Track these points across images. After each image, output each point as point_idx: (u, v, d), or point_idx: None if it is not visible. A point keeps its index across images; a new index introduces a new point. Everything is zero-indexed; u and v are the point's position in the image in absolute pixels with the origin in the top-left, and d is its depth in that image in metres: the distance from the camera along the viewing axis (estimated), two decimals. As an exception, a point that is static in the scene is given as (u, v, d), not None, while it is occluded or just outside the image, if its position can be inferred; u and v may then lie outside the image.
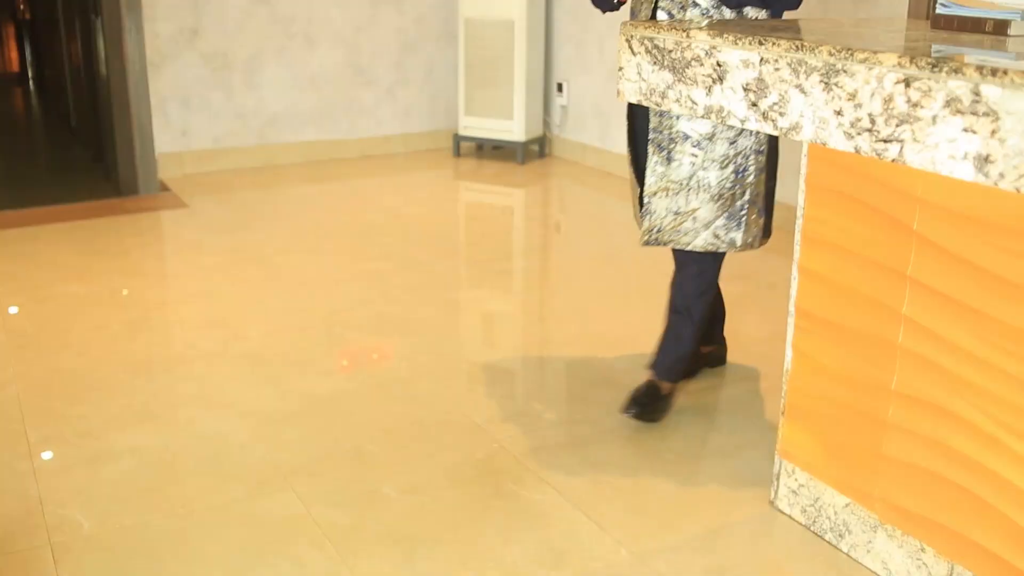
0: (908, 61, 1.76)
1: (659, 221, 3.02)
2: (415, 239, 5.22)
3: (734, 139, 2.93)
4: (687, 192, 2.98)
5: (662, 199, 3.00)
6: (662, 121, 2.95)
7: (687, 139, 2.94)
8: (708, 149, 2.94)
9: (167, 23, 6.38)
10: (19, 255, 4.91)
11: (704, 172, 2.95)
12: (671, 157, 2.96)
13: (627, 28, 2.38)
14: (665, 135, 2.96)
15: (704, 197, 2.97)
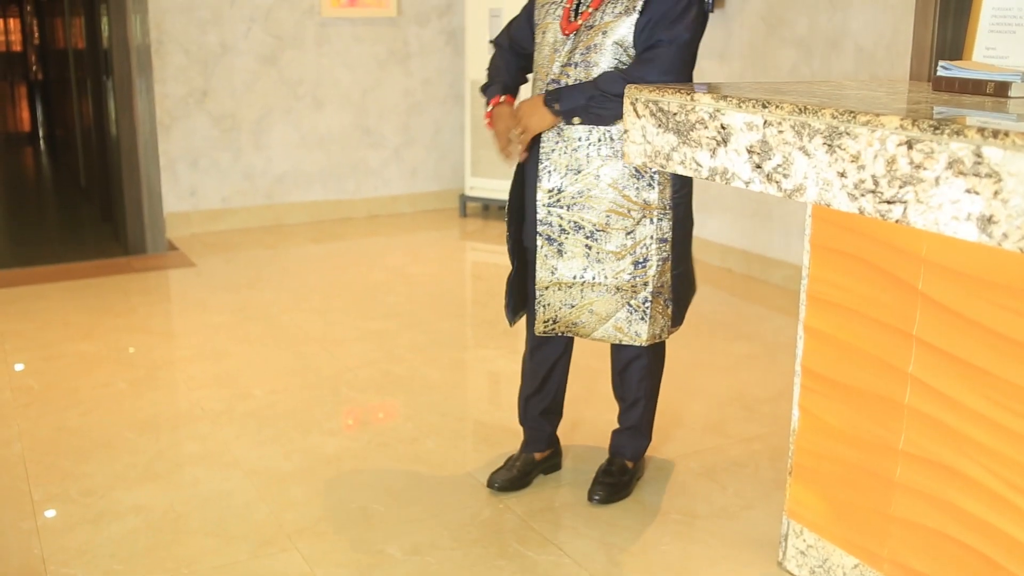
0: (910, 123, 1.78)
1: (553, 313, 2.88)
2: (421, 298, 5.24)
3: (631, 229, 2.79)
4: (581, 286, 2.83)
5: (555, 293, 2.86)
6: (551, 211, 2.80)
7: (580, 230, 2.79)
8: (602, 240, 2.79)
9: (177, 85, 6.46)
10: (27, 313, 4.93)
11: (599, 265, 2.81)
12: (562, 250, 2.82)
13: (632, 91, 2.41)
14: (556, 227, 2.81)
15: (601, 290, 2.83)
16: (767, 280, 5.50)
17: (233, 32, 6.56)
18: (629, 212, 2.79)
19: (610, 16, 2.70)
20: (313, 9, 6.77)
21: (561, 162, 2.79)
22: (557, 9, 2.81)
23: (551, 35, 2.81)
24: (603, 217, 2.78)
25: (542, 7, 2.87)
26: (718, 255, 5.83)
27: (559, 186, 2.80)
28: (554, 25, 2.80)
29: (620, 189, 2.77)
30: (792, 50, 5.25)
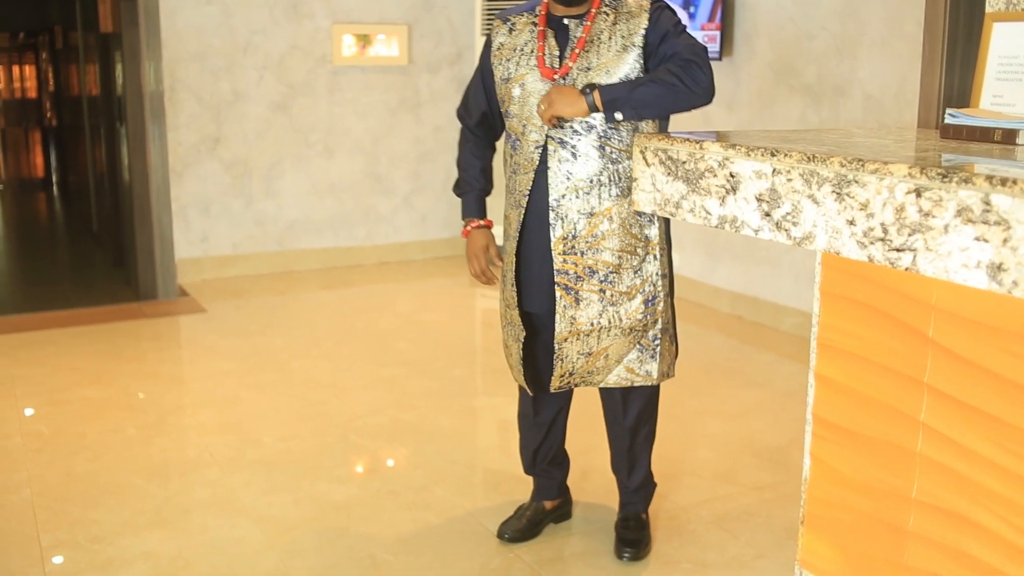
0: (919, 171, 1.78)
1: (570, 365, 2.82)
2: (431, 346, 5.24)
3: (638, 267, 2.79)
4: (598, 332, 2.79)
5: (573, 343, 2.79)
6: (567, 259, 2.76)
7: (594, 274, 2.76)
8: (615, 282, 2.77)
9: (190, 132, 6.52)
10: (38, 358, 4.94)
11: (613, 307, 2.78)
12: (579, 297, 2.77)
13: (641, 140, 2.42)
14: (571, 275, 2.77)
15: (615, 333, 2.80)
16: (777, 327, 5.50)
17: (246, 80, 6.62)
18: (635, 250, 2.78)
19: (609, 55, 2.69)
20: (325, 57, 6.84)
21: (573, 207, 2.74)
22: (528, 59, 2.76)
23: (532, 84, 2.74)
24: (616, 258, 2.76)
25: (504, 63, 2.81)
26: (728, 302, 5.83)
27: (573, 232, 2.75)
28: (532, 74, 2.75)
29: (628, 228, 2.76)
30: (800, 98, 5.29)
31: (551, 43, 2.75)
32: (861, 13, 4.90)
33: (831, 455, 2.54)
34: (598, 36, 2.71)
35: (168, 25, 6.36)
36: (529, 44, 2.78)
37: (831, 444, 2.54)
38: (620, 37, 2.70)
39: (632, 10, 2.72)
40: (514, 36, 2.82)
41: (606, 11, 2.73)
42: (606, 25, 2.72)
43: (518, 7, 2.88)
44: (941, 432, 2.22)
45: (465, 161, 3.01)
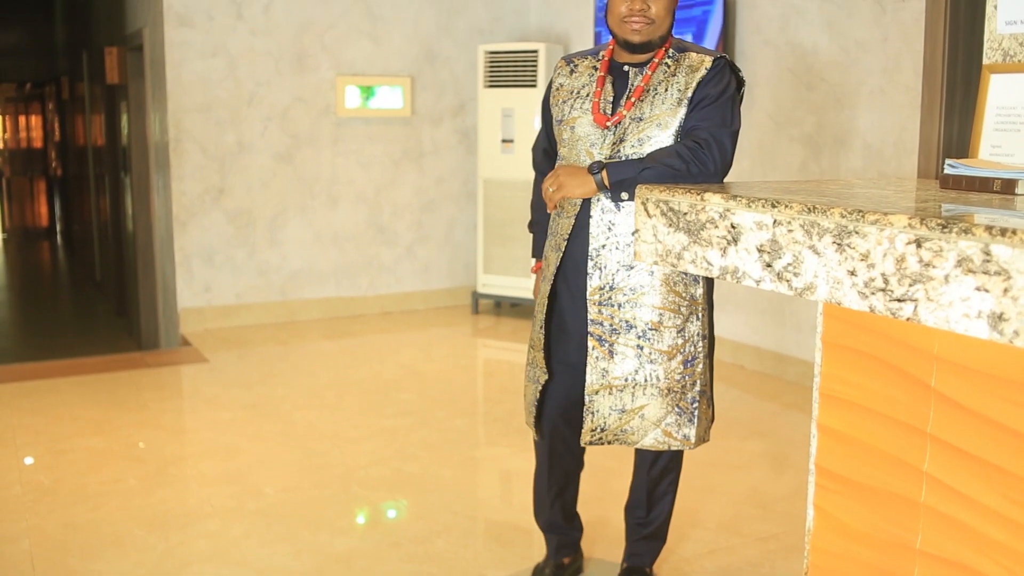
0: (919, 222, 1.79)
1: (602, 420, 2.74)
2: (433, 396, 5.23)
3: (682, 326, 2.71)
4: (633, 388, 2.71)
5: (605, 397, 2.72)
6: (602, 310, 2.70)
7: (631, 329, 2.69)
8: (654, 340, 2.69)
9: (194, 182, 6.56)
10: (39, 407, 4.93)
11: (651, 365, 2.70)
12: (614, 351, 2.70)
13: (642, 191, 2.43)
14: (607, 326, 2.70)
15: (652, 392, 2.71)
16: (780, 377, 5.48)
17: (250, 131, 6.68)
18: (679, 309, 2.70)
19: (663, 107, 2.65)
20: (329, 109, 6.90)
21: (612, 258, 2.68)
22: (583, 103, 2.75)
23: (582, 129, 2.73)
24: (656, 315, 2.68)
25: (561, 104, 2.81)
26: (730, 352, 5.82)
27: (611, 283, 2.69)
28: (584, 119, 2.73)
29: (671, 285, 2.69)
30: (801, 148, 5.32)
31: (607, 89, 2.73)
32: (860, 64, 4.94)
33: (835, 506, 2.53)
34: (656, 87, 2.68)
35: (174, 77, 6.43)
36: (587, 88, 2.77)
37: (834, 495, 2.53)
38: (677, 90, 2.66)
39: (693, 64, 2.68)
40: (574, 78, 2.81)
41: (668, 62, 2.70)
42: (665, 76, 2.68)
43: (583, 52, 2.88)
44: (945, 482, 2.21)
45: (536, 199, 3.03)
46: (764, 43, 5.48)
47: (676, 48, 2.73)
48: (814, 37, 5.18)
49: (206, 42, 6.51)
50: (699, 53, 2.71)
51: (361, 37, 6.97)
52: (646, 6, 2.64)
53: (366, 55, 7.00)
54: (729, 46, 5.64)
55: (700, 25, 5.73)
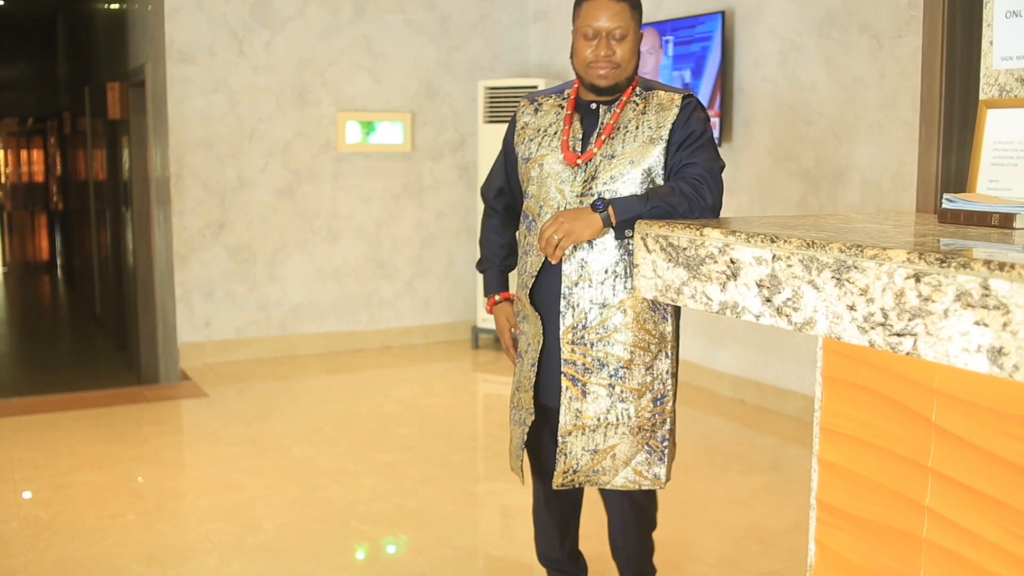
0: (917, 256, 1.80)
1: (575, 461, 2.70)
2: (433, 430, 5.22)
3: (651, 364, 2.69)
4: (605, 428, 2.68)
5: (578, 438, 2.68)
6: (575, 349, 2.66)
7: (603, 367, 2.66)
8: (626, 378, 2.66)
9: (195, 217, 6.58)
10: (38, 442, 4.92)
11: (623, 404, 2.67)
12: (586, 390, 2.67)
13: (642, 226, 2.44)
14: (579, 365, 2.67)
15: (623, 431, 2.69)
16: (780, 411, 5.48)
17: (251, 166, 6.71)
18: (649, 346, 2.69)
19: (635, 145, 2.64)
20: (330, 144, 6.93)
21: (585, 296, 2.66)
22: (551, 140, 2.73)
23: (551, 167, 2.71)
24: (627, 352, 2.66)
25: (527, 142, 2.78)
26: (730, 386, 5.82)
27: (584, 322, 2.66)
28: (552, 156, 2.71)
29: (642, 323, 2.67)
30: (799, 183, 5.34)
31: (576, 127, 2.72)
32: (858, 99, 4.97)
33: (836, 541, 2.52)
34: (626, 125, 2.67)
35: (175, 112, 6.46)
36: (554, 126, 2.75)
37: (836, 530, 2.52)
38: (648, 128, 2.65)
39: (663, 102, 2.67)
40: (539, 117, 2.79)
41: (636, 100, 2.69)
42: (635, 114, 2.67)
43: (547, 89, 2.86)
44: (946, 517, 2.21)
45: (485, 238, 3.02)
46: (762, 79, 5.52)
47: (643, 86, 2.73)
48: (812, 73, 5.22)
49: (208, 78, 6.55)
50: (667, 91, 2.70)
51: (362, 73, 7.02)
52: (611, 51, 2.62)
53: (367, 91, 7.04)
54: (727, 82, 5.68)
55: (699, 61, 5.77)
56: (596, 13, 2.61)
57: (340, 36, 6.92)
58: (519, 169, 2.82)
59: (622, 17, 2.61)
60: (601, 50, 2.62)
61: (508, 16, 7.50)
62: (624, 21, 2.62)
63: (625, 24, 2.62)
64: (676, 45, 5.94)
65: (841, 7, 5.02)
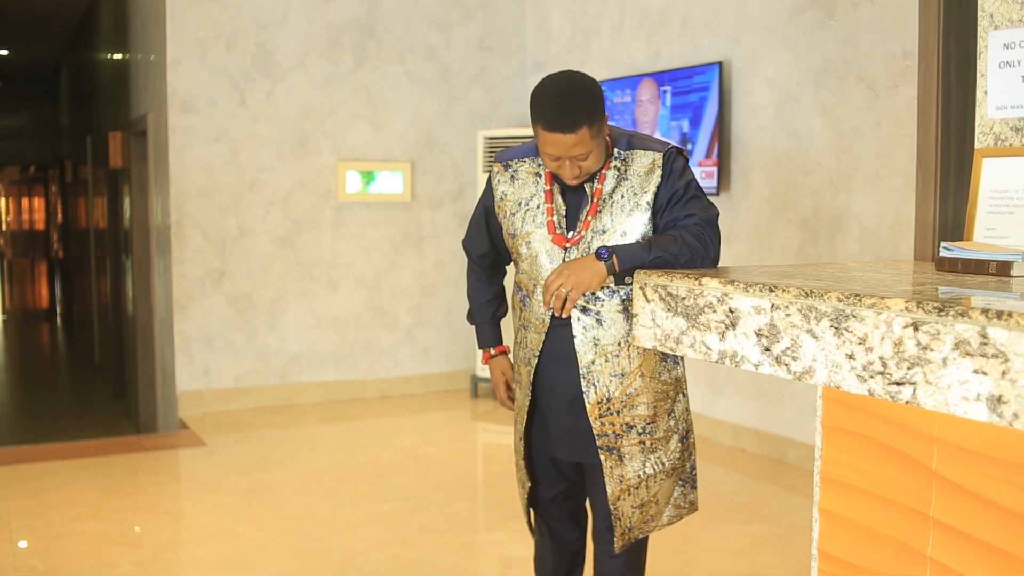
0: (915, 305, 1.81)
1: (628, 522, 2.75)
2: (432, 480, 5.19)
3: (671, 408, 2.76)
4: (646, 481, 2.74)
5: (625, 499, 2.74)
6: (604, 422, 2.70)
7: (631, 429, 2.71)
8: (653, 431, 2.73)
9: (195, 265, 6.59)
10: (35, 491, 4.89)
11: (654, 455, 2.74)
12: (622, 454, 2.71)
13: (640, 276, 2.45)
14: (611, 435, 2.70)
15: (661, 478, 2.76)
16: (781, 460, 5.46)
17: (251, 215, 6.73)
18: (667, 395, 2.75)
19: (623, 215, 2.63)
20: (330, 193, 6.97)
21: (604, 371, 2.68)
22: (535, 216, 2.69)
23: (540, 244, 2.69)
24: (651, 409, 2.71)
25: (510, 216, 2.74)
26: (731, 435, 5.80)
27: (607, 395, 2.69)
28: (539, 233, 2.68)
29: (657, 377, 2.73)
30: (797, 232, 5.36)
31: (559, 203, 2.69)
32: (855, 148, 5.01)
33: (838, 592, 2.50)
34: (610, 195, 2.64)
35: (176, 161, 6.50)
36: (535, 199, 2.71)
37: (838, 580, 2.50)
38: (632, 195, 2.63)
39: (644, 165, 2.64)
40: (517, 187, 2.74)
41: (616, 165, 2.65)
42: (618, 181, 2.64)
43: (518, 150, 2.79)
44: (948, 566, 2.19)
45: (474, 291, 3.01)
46: (760, 129, 5.56)
47: (621, 146, 2.67)
48: (809, 123, 5.26)
49: (209, 128, 6.59)
50: (645, 152, 2.65)
51: (362, 123, 7.07)
52: (577, 168, 2.57)
53: (367, 140, 7.09)
54: (725, 131, 5.72)
55: (696, 111, 5.82)
56: (555, 144, 2.51)
57: (341, 86, 6.98)
58: (506, 241, 2.80)
59: (582, 144, 2.51)
60: (566, 171, 2.58)
61: (507, 67, 7.56)
62: (585, 146, 2.51)
63: (587, 146, 2.52)
64: (674, 95, 5.99)
65: (837, 57, 5.07)
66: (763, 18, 5.51)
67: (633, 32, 6.47)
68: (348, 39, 6.99)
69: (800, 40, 5.29)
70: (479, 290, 3.00)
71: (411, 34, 7.20)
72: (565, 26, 7.18)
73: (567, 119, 2.47)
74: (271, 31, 6.74)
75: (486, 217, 2.86)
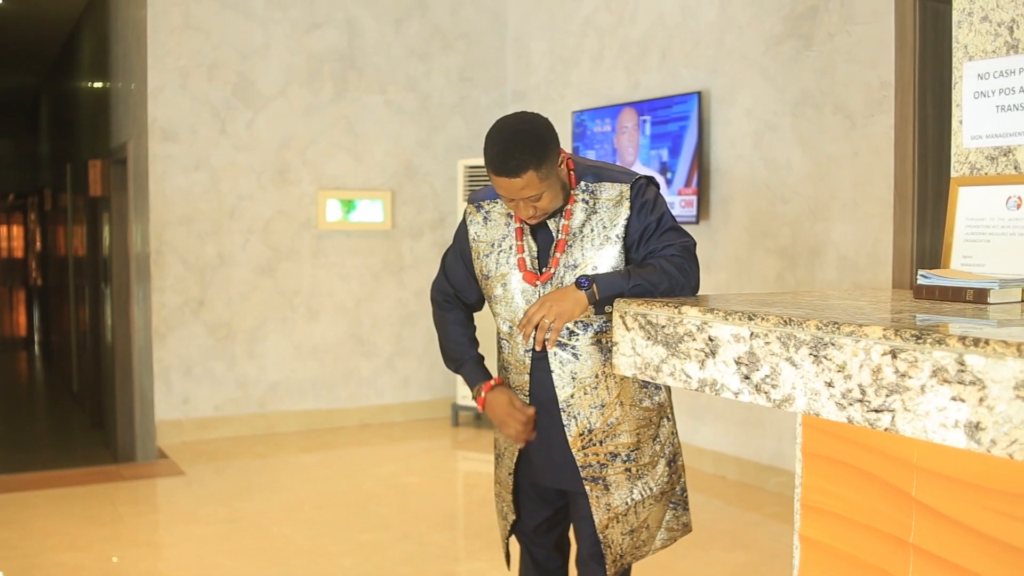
0: (893, 333, 1.82)
1: (619, 549, 2.75)
2: (413, 509, 5.17)
3: (655, 434, 2.76)
4: (634, 507, 2.74)
5: (614, 527, 2.73)
6: (587, 453, 2.69)
7: (616, 457, 2.70)
8: (638, 457, 2.73)
9: (174, 294, 6.57)
10: (11, 521, 4.84)
11: (641, 481, 2.74)
12: (608, 483, 2.71)
13: (620, 304, 2.45)
14: (596, 465, 2.70)
15: (650, 503, 2.77)
16: (762, 487, 5.46)
17: (231, 243, 6.72)
18: (650, 420, 2.75)
19: (593, 250, 2.63)
20: (310, 222, 6.97)
21: (584, 403, 2.69)
22: (508, 256, 2.71)
23: (515, 284, 2.70)
24: (634, 436, 2.71)
25: (483, 258, 2.75)
26: (711, 462, 5.80)
27: (588, 427, 2.69)
28: (513, 274, 2.70)
29: (638, 404, 2.72)
30: (776, 260, 5.39)
31: (530, 243, 2.69)
32: (832, 177, 5.05)
33: (819, 619, 2.50)
34: (579, 230, 2.64)
35: (156, 190, 6.49)
36: (507, 240, 2.71)
37: (819, 608, 2.50)
38: (602, 228, 2.63)
39: (612, 197, 2.64)
40: (490, 228, 2.75)
41: (584, 199, 2.65)
42: (586, 215, 2.64)
43: (491, 190, 2.78)
44: (929, 595, 2.20)
45: (452, 334, 2.91)
46: (738, 158, 5.60)
47: (588, 179, 2.67)
48: (787, 152, 5.30)
49: (189, 156, 6.59)
50: (612, 182, 2.65)
51: (342, 152, 7.08)
52: (532, 209, 2.57)
53: (347, 169, 7.10)
54: (704, 161, 5.76)
55: (676, 140, 5.86)
56: (505, 187, 2.52)
57: (321, 116, 6.99)
58: (480, 283, 2.80)
59: (531, 187, 2.51)
60: (522, 212, 2.58)
61: (487, 97, 7.60)
62: (533, 188, 2.51)
63: (535, 188, 2.51)
64: (653, 124, 6.03)
65: (815, 87, 5.12)
66: (741, 49, 5.56)
67: (612, 63, 6.52)
68: (329, 69, 7.01)
69: (778, 70, 5.34)
70: (456, 330, 2.91)
71: (392, 64, 7.23)
72: (545, 56, 7.23)
73: (511, 163, 2.47)
74: (252, 61, 6.76)
75: (461, 255, 2.83)
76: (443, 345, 2.93)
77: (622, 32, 6.44)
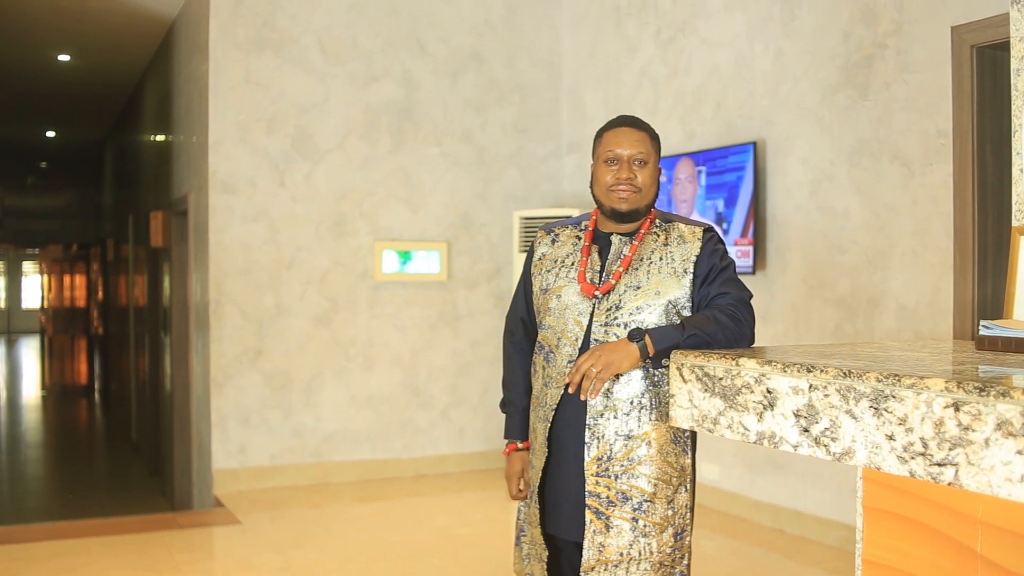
0: (955, 385, 1.79)
1: None
2: (467, 561, 5.14)
3: (671, 497, 2.65)
4: (627, 563, 2.62)
5: (600, 574, 2.63)
6: (599, 481, 2.63)
7: (627, 501, 2.61)
8: (649, 512, 2.62)
9: (232, 344, 6.64)
10: (69, 568, 4.89)
11: (645, 539, 2.62)
12: (610, 524, 2.62)
13: (677, 356, 2.44)
14: (604, 498, 2.62)
15: (645, 567, 2.62)
16: (822, 541, 5.36)
17: (289, 294, 6.79)
18: (671, 479, 2.65)
19: (660, 276, 2.65)
20: (367, 273, 7.03)
21: (610, 427, 2.63)
22: (568, 271, 2.75)
23: (568, 298, 2.71)
24: (651, 486, 2.62)
25: (544, 273, 2.80)
26: (769, 516, 5.71)
27: (608, 453, 2.63)
28: (570, 288, 2.72)
29: (665, 455, 2.65)
30: (834, 310, 5.34)
31: (594, 258, 2.74)
32: (891, 226, 5.00)
33: None
34: (648, 255, 2.69)
35: (216, 241, 6.60)
36: (571, 256, 2.77)
37: (882, 667, 2.44)
38: (672, 260, 2.67)
39: (684, 235, 2.71)
40: (556, 248, 2.82)
41: (656, 231, 2.73)
42: (657, 245, 2.70)
43: (565, 220, 2.89)
44: (996, 655, 2.14)
45: (513, 378, 2.94)
46: (795, 208, 5.57)
47: (662, 219, 2.78)
48: (845, 201, 5.26)
49: (248, 208, 6.70)
50: (686, 224, 2.75)
51: (399, 204, 7.15)
52: (632, 175, 2.70)
53: (403, 221, 7.16)
54: (760, 210, 5.73)
55: (732, 190, 5.85)
56: (618, 139, 2.73)
57: (378, 168, 7.07)
58: (536, 300, 2.83)
59: (643, 144, 2.72)
60: (623, 173, 2.70)
61: (543, 148, 7.65)
62: (645, 148, 2.72)
63: (646, 151, 2.73)
64: (709, 175, 6.02)
65: (871, 136, 5.09)
66: (796, 98, 5.56)
67: (667, 113, 6.54)
68: (386, 122, 7.10)
69: (833, 120, 5.32)
70: (518, 375, 2.93)
71: (448, 117, 7.31)
72: (600, 108, 7.27)
73: (633, 119, 2.78)
74: (311, 115, 6.87)
75: (524, 286, 2.91)
76: (504, 379, 3.00)
77: (677, 83, 6.47)
